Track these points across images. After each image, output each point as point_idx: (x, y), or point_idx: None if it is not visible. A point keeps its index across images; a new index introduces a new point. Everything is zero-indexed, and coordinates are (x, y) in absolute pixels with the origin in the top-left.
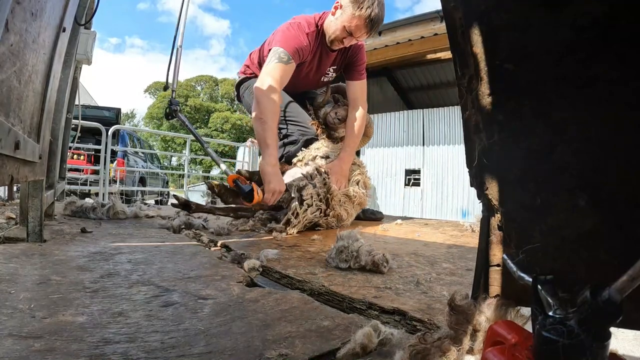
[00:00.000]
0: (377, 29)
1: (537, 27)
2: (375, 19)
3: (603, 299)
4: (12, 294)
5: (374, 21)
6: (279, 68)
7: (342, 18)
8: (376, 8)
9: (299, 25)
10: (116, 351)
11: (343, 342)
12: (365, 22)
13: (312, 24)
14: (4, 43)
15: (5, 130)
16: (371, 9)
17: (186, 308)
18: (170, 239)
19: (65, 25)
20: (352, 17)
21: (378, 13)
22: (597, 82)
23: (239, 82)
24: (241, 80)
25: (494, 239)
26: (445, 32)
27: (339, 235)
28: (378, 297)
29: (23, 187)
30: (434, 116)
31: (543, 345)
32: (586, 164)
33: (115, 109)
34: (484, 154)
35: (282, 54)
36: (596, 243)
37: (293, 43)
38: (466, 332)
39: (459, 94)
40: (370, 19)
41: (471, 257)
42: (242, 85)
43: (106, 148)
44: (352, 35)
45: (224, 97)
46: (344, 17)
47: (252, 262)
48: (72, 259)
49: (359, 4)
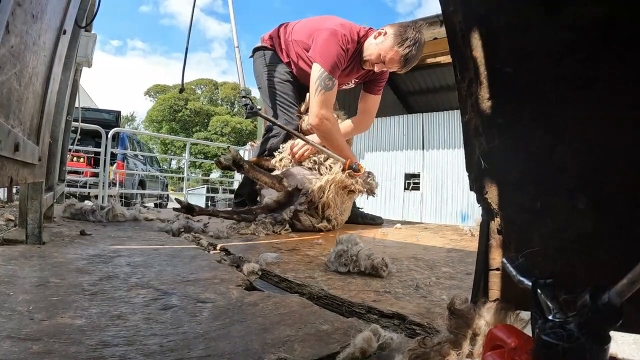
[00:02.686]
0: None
1: (537, 27)
2: (411, 59)
3: (603, 302)
4: (11, 296)
5: (409, 60)
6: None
7: (382, 46)
8: (415, 50)
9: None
10: (114, 354)
11: (342, 346)
12: (401, 59)
13: (355, 39)
14: (4, 45)
15: (5, 132)
16: (410, 49)
17: (185, 311)
18: (169, 242)
19: (65, 28)
20: (391, 50)
21: (415, 54)
22: (597, 82)
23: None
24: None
25: (493, 243)
26: (445, 36)
27: (338, 239)
28: (377, 301)
29: (22, 189)
30: (433, 120)
31: (543, 349)
32: (586, 165)
33: (115, 111)
34: (483, 158)
35: (326, 80)
36: (596, 244)
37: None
38: (466, 336)
39: (458, 98)
40: (406, 58)
41: (471, 261)
42: (259, 51)
43: (106, 150)
44: (384, 64)
45: (223, 101)
46: (384, 46)
47: (251, 266)
48: (71, 261)
49: (401, 41)
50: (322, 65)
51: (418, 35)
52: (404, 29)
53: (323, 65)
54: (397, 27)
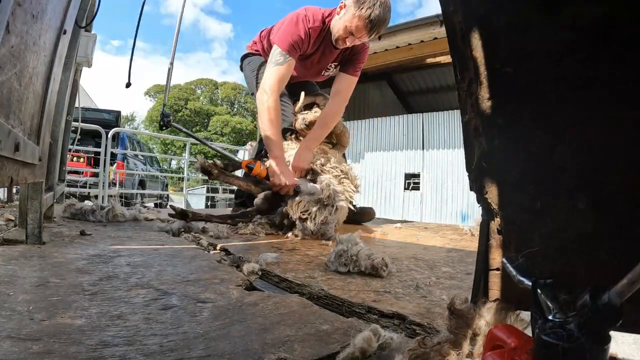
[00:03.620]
0: (378, 30)
1: (537, 27)
2: (376, 20)
3: (603, 302)
4: (11, 296)
5: (374, 22)
6: (276, 72)
7: (345, 18)
8: (377, 9)
9: (304, 19)
10: (114, 354)
11: (342, 346)
12: (365, 23)
13: (319, 19)
14: (4, 45)
15: (5, 132)
16: (371, 10)
17: (185, 311)
18: (169, 242)
19: (65, 28)
20: (353, 17)
21: (379, 14)
22: (597, 82)
23: (244, 55)
24: (247, 54)
25: (493, 243)
26: (445, 36)
27: (338, 239)
28: (377, 301)
29: (22, 189)
30: (433, 120)
31: (543, 349)
32: (586, 165)
33: (115, 111)
34: (483, 158)
35: (278, 55)
36: (596, 244)
37: (290, 38)
38: (466, 336)
39: (458, 98)
40: (370, 20)
41: (471, 261)
42: (246, 59)
43: (106, 150)
44: (353, 35)
45: (223, 101)
46: (346, 16)
47: (251, 266)
48: (71, 261)
49: (359, 4)
50: (278, 44)
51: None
52: None
53: (278, 44)
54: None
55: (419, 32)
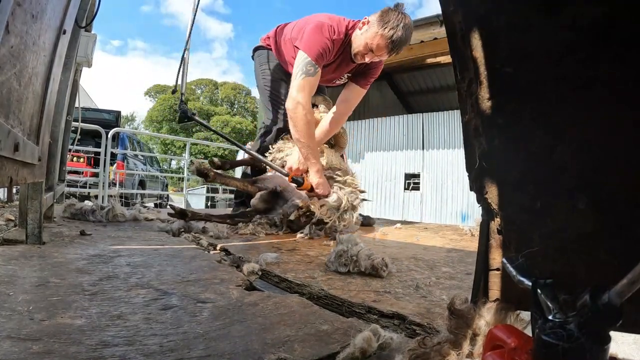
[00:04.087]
0: (398, 51)
1: (537, 27)
2: (398, 41)
3: (603, 302)
4: (11, 296)
5: (396, 43)
6: (307, 83)
7: (367, 35)
8: (400, 30)
9: (330, 29)
10: (114, 354)
11: (342, 346)
12: (387, 43)
13: (342, 32)
14: (4, 45)
15: (5, 132)
16: (394, 31)
17: (185, 311)
18: (169, 242)
19: (65, 28)
20: (375, 35)
21: (401, 36)
22: (597, 82)
23: (257, 47)
24: (259, 46)
25: (493, 243)
26: (445, 36)
27: (338, 239)
28: (377, 301)
29: (22, 189)
30: (433, 120)
31: (543, 349)
32: (586, 165)
33: (115, 111)
34: (483, 158)
35: (308, 65)
36: (596, 244)
37: (319, 47)
38: (466, 336)
39: (458, 98)
40: (392, 40)
41: (471, 261)
42: (257, 52)
43: (106, 151)
44: (373, 52)
45: (223, 101)
46: (368, 33)
47: (251, 266)
48: (71, 261)
49: (384, 24)
50: (306, 52)
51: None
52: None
53: (307, 52)
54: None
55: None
